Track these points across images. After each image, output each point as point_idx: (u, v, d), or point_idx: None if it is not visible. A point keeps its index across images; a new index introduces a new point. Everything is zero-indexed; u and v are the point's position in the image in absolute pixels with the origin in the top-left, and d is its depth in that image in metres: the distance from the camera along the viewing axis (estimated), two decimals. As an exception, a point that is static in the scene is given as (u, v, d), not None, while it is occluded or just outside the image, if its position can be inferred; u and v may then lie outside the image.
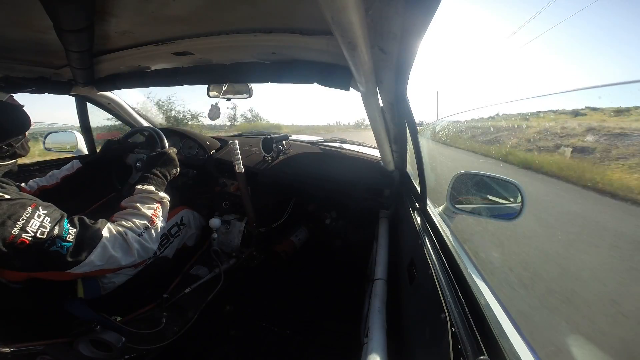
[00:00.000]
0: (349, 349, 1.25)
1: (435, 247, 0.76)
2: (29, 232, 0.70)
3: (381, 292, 0.89)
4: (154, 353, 1.05)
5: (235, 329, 1.40)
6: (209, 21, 0.80)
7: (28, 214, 0.72)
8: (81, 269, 0.77)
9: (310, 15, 0.69)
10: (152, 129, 1.41)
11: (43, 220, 0.73)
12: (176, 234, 1.30)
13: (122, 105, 1.79)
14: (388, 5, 0.36)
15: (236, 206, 1.65)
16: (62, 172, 1.32)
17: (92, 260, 0.78)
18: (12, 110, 0.91)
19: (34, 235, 0.70)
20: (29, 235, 0.70)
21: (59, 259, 0.74)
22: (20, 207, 0.72)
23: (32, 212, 0.73)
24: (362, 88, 0.73)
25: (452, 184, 1.04)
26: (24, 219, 0.71)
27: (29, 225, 0.70)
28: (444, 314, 0.51)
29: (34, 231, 0.71)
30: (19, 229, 0.69)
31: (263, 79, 1.06)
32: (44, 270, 0.76)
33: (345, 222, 2.02)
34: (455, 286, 0.58)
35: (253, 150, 1.70)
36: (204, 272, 1.34)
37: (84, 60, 1.01)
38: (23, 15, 0.76)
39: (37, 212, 0.74)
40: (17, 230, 0.68)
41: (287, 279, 1.78)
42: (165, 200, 1.01)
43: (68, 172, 1.32)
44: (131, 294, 1.10)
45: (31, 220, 0.71)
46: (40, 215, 0.73)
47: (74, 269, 0.76)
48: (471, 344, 0.43)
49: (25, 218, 0.71)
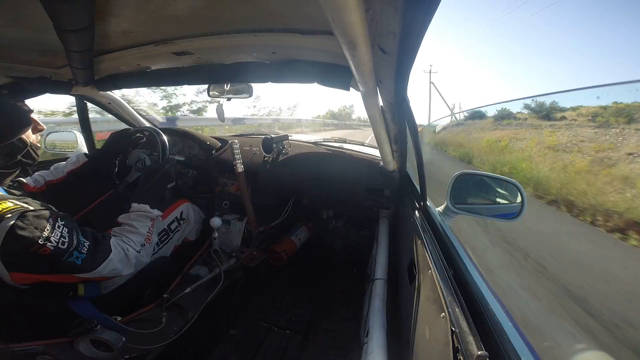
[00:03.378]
0: (349, 349, 1.25)
1: (435, 247, 0.76)
2: (52, 242, 0.76)
3: (381, 292, 0.89)
4: (154, 353, 1.05)
5: (235, 329, 1.40)
6: (209, 21, 0.80)
7: (51, 225, 0.77)
8: (88, 275, 0.84)
9: (310, 15, 0.69)
10: (154, 129, 1.41)
11: (63, 231, 0.79)
12: (176, 229, 1.29)
13: (123, 105, 1.79)
14: (388, 5, 0.36)
15: (236, 206, 1.65)
16: (68, 166, 1.30)
17: (99, 271, 0.85)
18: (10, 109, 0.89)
19: (56, 245, 0.76)
20: (52, 244, 0.75)
21: (72, 268, 0.80)
22: (44, 219, 0.77)
23: (53, 223, 0.78)
24: (362, 88, 0.73)
25: (452, 184, 1.04)
26: (49, 229, 0.76)
27: (52, 235, 0.76)
28: (444, 314, 0.51)
29: (57, 241, 0.76)
30: (44, 239, 0.74)
31: (263, 79, 1.06)
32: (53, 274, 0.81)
33: (345, 222, 2.02)
34: (455, 286, 0.58)
35: (253, 150, 1.70)
36: (204, 272, 1.33)
37: (84, 60, 1.00)
38: (23, 15, 0.75)
39: (57, 223, 0.79)
40: (42, 240, 0.74)
41: (287, 278, 1.78)
42: (159, 217, 1.09)
43: (74, 167, 1.30)
44: (131, 293, 1.10)
45: (54, 231, 0.77)
46: (59, 227, 0.79)
47: (82, 274, 0.83)
48: (471, 343, 0.43)
49: (49, 229, 0.76)
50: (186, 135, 1.81)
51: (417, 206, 1.06)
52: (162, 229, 1.20)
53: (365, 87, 0.71)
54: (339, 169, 1.50)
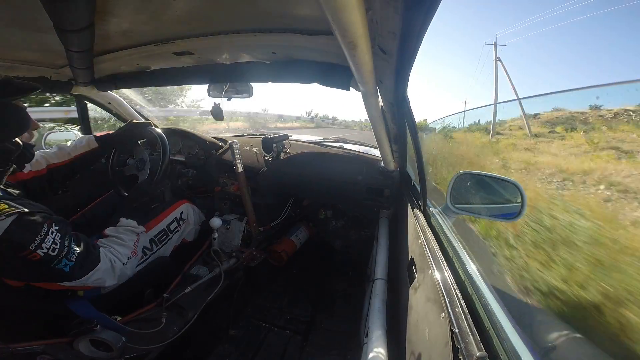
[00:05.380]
0: (349, 349, 1.25)
1: (435, 247, 0.76)
2: (43, 248, 0.74)
3: (381, 292, 0.89)
4: (154, 353, 1.05)
5: (235, 328, 1.40)
6: (209, 21, 0.80)
7: (45, 230, 0.75)
8: (72, 284, 0.84)
9: (311, 15, 0.69)
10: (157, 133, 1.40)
11: (55, 237, 0.77)
12: (175, 230, 1.29)
13: (123, 105, 1.79)
14: (388, 5, 0.36)
15: (236, 206, 1.65)
16: (76, 149, 1.20)
17: (84, 280, 0.85)
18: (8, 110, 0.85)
19: (46, 252, 0.75)
20: (42, 251, 0.74)
21: (59, 275, 0.80)
22: (38, 223, 0.75)
23: (47, 228, 0.76)
24: (362, 88, 0.73)
25: (452, 184, 1.04)
26: (42, 235, 0.74)
27: (44, 242, 0.74)
28: (444, 314, 0.51)
29: (48, 248, 0.75)
30: (36, 245, 0.73)
31: (263, 79, 1.06)
32: (40, 282, 0.82)
33: (345, 222, 2.02)
34: (455, 286, 0.58)
35: (253, 150, 1.70)
36: (204, 272, 1.33)
37: (84, 60, 1.00)
38: (23, 15, 0.75)
39: (51, 228, 0.77)
40: (34, 246, 0.72)
41: (287, 278, 1.78)
42: (143, 232, 1.09)
43: (83, 150, 1.21)
44: (131, 293, 1.10)
45: (47, 237, 0.75)
46: (53, 232, 0.77)
47: (66, 283, 0.83)
48: (471, 343, 0.43)
49: (42, 234, 0.74)
50: (186, 135, 1.81)
51: (417, 206, 1.06)
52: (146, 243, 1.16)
53: (365, 87, 0.71)
54: (339, 169, 1.50)
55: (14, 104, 0.85)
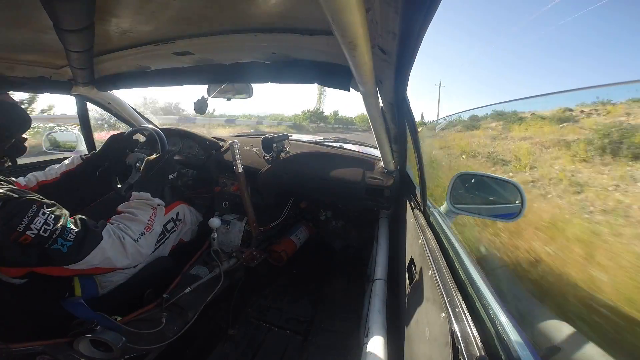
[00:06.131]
0: (349, 348, 1.25)
1: (435, 247, 0.76)
2: (32, 229, 0.72)
3: (381, 292, 0.89)
4: (154, 353, 1.05)
5: (234, 328, 1.40)
6: (209, 21, 0.80)
7: (33, 212, 0.74)
8: (79, 266, 0.81)
9: (311, 15, 0.69)
10: (153, 129, 1.41)
11: (47, 218, 0.75)
12: (172, 230, 1.29)
13: (123, 104, 1.79)
14: (388, 5, 0.36)
15: (236, 206, 1.65)
16: (62, 167, 1.28)
17: (88, 260, 0.81)
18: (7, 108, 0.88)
19: (37, 233, 0.73)
20: (32, 232, 0.72)
21: (59, 256, 0.77)
22: (27, 205, 0.74)
23: (37, 209, 0.75)
24: (362, 88, 0.73)
25: (452, 184, 1.04)
26: (30, 216, 0.73)
27: (33, 222, 0.73)
28: (444, 314, 0.51)
29: (38, 229, 0.73)
30: (24, 226, 0.71)
31: (263, 79, 1.06)
32: (42, 266, 0.79)
33: (345, 222, 2.02)
34: (455, 286, 0.58)
35: (253, 150, 1.70)
36: (204, 272, 1.33)
37: (84, 60, 1.00)
38: (23, 15, 0.75)
39: (42, 209, 0.76)
40: (22, 228, 0.71)
41: (287, 278, 1.78)
42: (161, 206, 1.04)
43: (68, 168, 1.28)
44: (131, 293, 1.10)
45: (36, 218, 0.73)
46: (45, 213, 0.76)
47: (71, 266, 0.80)
48: (471, 343, 0.42)
49: (30, 216, 0.73)
50: (186, 135, 1.81)
51: (417, 206, 1.06)
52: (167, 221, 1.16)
53: (365, 87, 0.71)
54: (339, 169, 1.50)
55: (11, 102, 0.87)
